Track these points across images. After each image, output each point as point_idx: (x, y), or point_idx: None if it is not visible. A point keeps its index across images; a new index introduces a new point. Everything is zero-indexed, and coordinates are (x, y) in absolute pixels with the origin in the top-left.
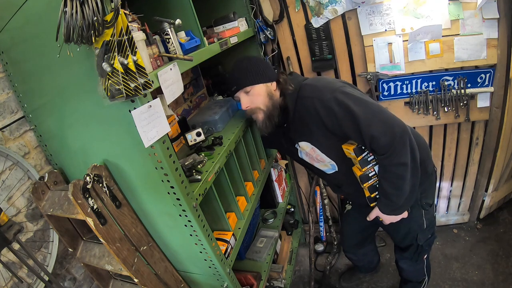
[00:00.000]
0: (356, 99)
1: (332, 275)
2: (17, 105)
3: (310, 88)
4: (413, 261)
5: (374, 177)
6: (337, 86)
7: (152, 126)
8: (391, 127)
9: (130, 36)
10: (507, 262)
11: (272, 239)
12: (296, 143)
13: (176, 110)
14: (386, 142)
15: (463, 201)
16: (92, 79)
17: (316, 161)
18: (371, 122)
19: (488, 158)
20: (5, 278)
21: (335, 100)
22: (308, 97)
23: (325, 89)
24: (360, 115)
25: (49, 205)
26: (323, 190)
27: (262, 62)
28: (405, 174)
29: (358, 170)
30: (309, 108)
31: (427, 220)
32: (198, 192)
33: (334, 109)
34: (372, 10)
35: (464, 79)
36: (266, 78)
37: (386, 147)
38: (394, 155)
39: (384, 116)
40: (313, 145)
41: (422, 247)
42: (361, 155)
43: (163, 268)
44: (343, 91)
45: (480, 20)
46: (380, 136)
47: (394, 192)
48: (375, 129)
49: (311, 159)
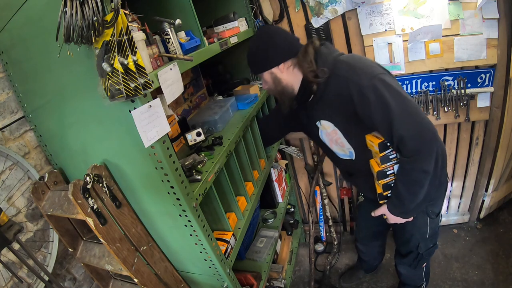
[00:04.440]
0: (395, 92)
1: (332, 275)
2: (17, 105)
3: (347, 67)
4: (412, 267)
5: (391, 175)
6: (376, 72)
7: (152, 126)
8: (423, 131)
9: (130, 36)
10: (507, 262)
11: (272, 239)
12: (318, 121)
13: (176, 110)
14: (414, 146)
15: (463, 201)
16: (92, 79)
17: (335, 143)
18: (404, 121)
19: (488, 158)
20: (5, 278)
21: (374, 88)
22: (343, 77)
23: (363, 73)
24: (396, 111)
25: (49, 205)
26: (323, 190)
27: (271, 45)
28: (424, 181)
29: (377, 165)
30: (342, 89)
31: (431, 229)
32: (198, 192)
33: (370, 98)
34: (372, 10)
35: (464, 79)
36: (272, 63)
37: (413, 151)
38: (418, 160)
39: (419, 118)
40: (336, 127)
41: (422, 255)
42: (384, 151)
43: (163, 268)
44: (382, 80)
45: (480, 20)
46: (410, 139)
47: (408, 196)
48: (407, 130)
49: (330, 141)
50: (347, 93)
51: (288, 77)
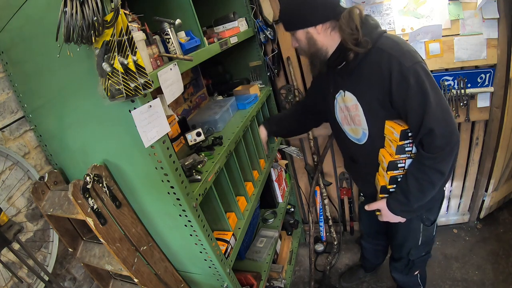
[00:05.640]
0: (434, 84)
1: (332, 275)
2: (17, 105)
3: (392, 44)
4: (403, 274)
5: (401, 169)
6: (419, 58)
7: (152, 126)
8: (452, 132)
9: (130, 36)
10: (507, 262)
11: (272, 239)
12: (341, 91)
13: (176, 110)
14: (441, 143)
15: (463, 201)
16: (92, 79)
17: (349, 121)
18: (439, 116)
19: (488, 158)
20: (5, 278)
21: (415, 72)
22: (387, 52)
23: (408, 54)
24: (433, 102)
25: (49, 205)
26: (323, 190)
27: (311, 2)
28: (437, 182)
29: (389, 155)
30: (382, 64)
31: (424, 236)
32: (198, 192)
33: (410, 81)
34: (372, 10)
35: (464, 79)
36: (309, 22)
37: (438, 148)
38: (439, 159)
39: (451, 118)
40: (358, 102)
41: (414, 262)
42: (404, 141)
43: (163, 268)
44: (424, 68)
45: (480, 20)
46: (439, 135)
47: (417, 194)
48: (439, 125)
49: (344, 118)
50: (387, 70)
51: (324, 39)
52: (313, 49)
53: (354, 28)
